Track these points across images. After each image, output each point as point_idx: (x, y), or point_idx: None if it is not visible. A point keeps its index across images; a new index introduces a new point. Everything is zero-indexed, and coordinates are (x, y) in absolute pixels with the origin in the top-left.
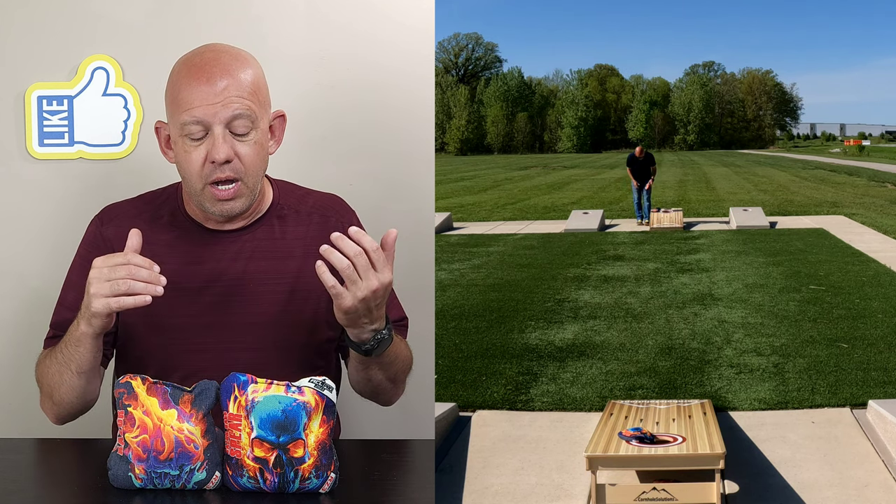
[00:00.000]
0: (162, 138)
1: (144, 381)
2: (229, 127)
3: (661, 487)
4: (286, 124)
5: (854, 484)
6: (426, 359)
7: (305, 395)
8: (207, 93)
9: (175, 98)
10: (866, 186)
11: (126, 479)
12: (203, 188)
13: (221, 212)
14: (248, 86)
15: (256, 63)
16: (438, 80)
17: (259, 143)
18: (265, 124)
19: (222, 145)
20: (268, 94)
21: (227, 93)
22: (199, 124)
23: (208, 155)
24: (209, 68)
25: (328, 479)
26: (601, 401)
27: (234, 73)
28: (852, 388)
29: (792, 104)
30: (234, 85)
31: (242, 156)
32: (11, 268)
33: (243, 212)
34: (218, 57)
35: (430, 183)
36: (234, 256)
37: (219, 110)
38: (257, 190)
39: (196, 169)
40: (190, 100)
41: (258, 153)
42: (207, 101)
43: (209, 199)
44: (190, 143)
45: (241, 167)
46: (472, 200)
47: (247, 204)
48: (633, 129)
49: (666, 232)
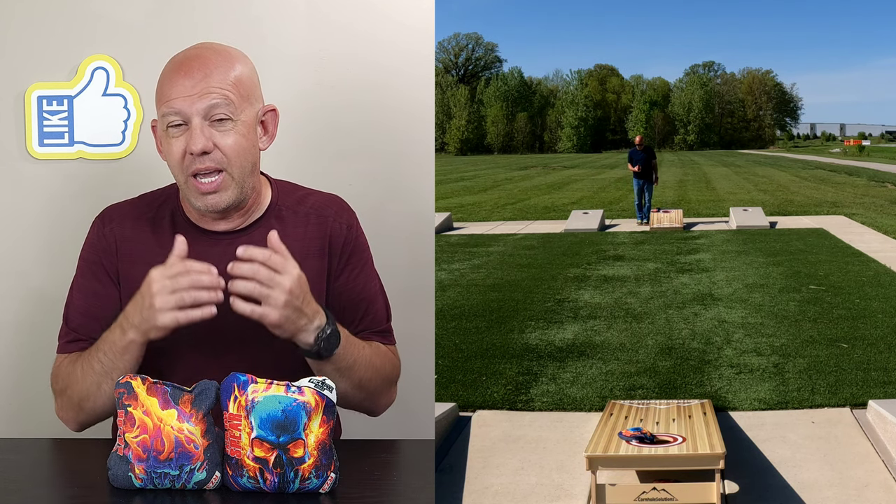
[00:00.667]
0: (157, 136)
1: (144, 381)
2: (208, 118)
3: (661, 487)
4: (279, 120)
5: (854, 484)
6: (426, 359)
7: (305, 395)
8: (185, 85)
9: (160, 93)
10: (866, 186)
11: (126, 479)
12: (186, 181)
13: (206, 205)
14: (228, 78)
15: (246, 60)
16: (438, 80)
17: (242, 134)
18: (248, 117)
19: (199, 136)
20: (254, 89)
21: (203, 84)
22: (177, 115)
23: (187, 146)
24: (189, 63)
25: (328, 479)
26: (601, 401)
27: (214, 67)
28: (852, 388)
29: (792, 104)
30: (213, 77)
31: (223, 146)
32: (11, 268)
33: (230, 206)
34: (201, 53)
35: (430, 183)
36: (234, 258)
37: (195, 101)
38: (247, 185)
39: (177, 160)
40: (170, 93)
41: (241, 144)
42: (184, 93)
43: (193, 193)
44: (172, 135)
45: (223, 157)
46: (472, 200)
47: (234, 198)
48: (633, 130)
49: (666, 232)
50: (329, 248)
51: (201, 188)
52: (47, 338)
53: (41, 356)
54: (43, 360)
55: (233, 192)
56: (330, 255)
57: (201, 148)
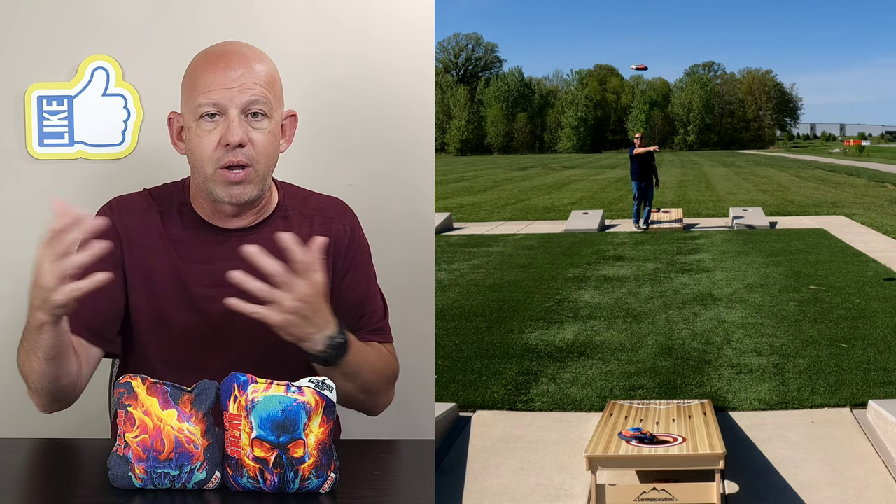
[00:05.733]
0: (174, 129)
1: (144, 381)
2: (245, 111)
3: (661, 487)
4: (297, 125)
5: (854, 484)
6: (426, 359)
7: (305, 395)
8: (225, 77)
9: (192, 84)
10: (866, 186)
11: (126, 479)
12: (214, 172)
13: (231, 196)
14: (264, 76)
15: (272, 62)
16: (438, 80)
17: (272, 132)
18: (279, 117)
19: (237, 128)
20: (282, 91)
21: (243, 79)
22: (214, 106)
23: (222, 138)
24: (227, 56)
25: (328, 479)
26: (601, 401)
27: (251, 63)
28: (852, 388)
29: (792, 104)
30: (251, 73)
31: (255, 142)
32: (11, 268)
33: (252, 201)
34: (237, 48)
35: (430, 183)
36: (241, 256)
37: (235, 95)
38: (267, 183)
39: (209, 152)
40: (207, 84)
41: (271, 143)
42: (225, 86)
43: (220, 183)
44: (204, 127)
45: (254, 154)
46: (472, 200)
47: (256, 192)
48: (633, 130)
49: (666, 232)
50: (334, 250)
51: (230, 178)
52: None
53: None
54: None
55: (256, 186)
56: (333, 258)
57: (238, 140)
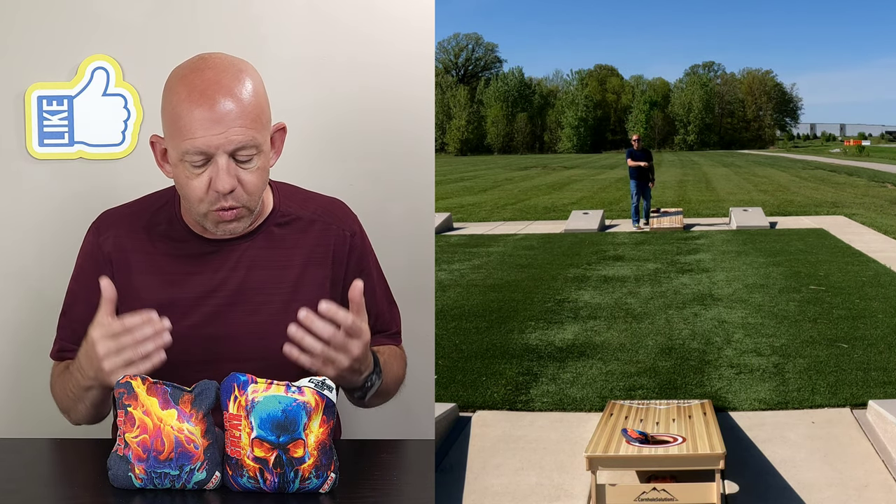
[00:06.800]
0: (158, 152)
1: (144, 381)
2: (233, 156)
3: (661, 487)
4: (286, 135)
5: (854, 484)
6: (426, 359)
7: (305, 395)
8: (209, 120)
9: (175, 122)
10: (866, 186)
11: (126, 479)
12: (207, 212)
13: (225, 231)
14: (251, 110)
15: (255, 73)
16: (438, 81)
17: (262, 167)
18: (266, 141)
19: (226, 177)
20: (266, 108)
21: (229, 120)
22: (201, 154)
23: (211, 184)
24: (210, 92)
25: (328, 479)
26: (601, 401)
27: (235, 94)
28: (852, 388)
29: (792, 104)
30: (237, 111)
31: (245, 182)
32: (11, 268)
33: (245, 228)
34: (219, 78)
35: (430, 183)
36: (234, 266)
37: (222, 142)
38: (258, 208)
39: (199, 194)
40: (192, 128)
41: (260, 177)
42: (211, 132)
43: (212, 221)
44: (192, 170)
45: (244, 195)
46: (472, 200)
47: (248, 222)
48: (633, 130)
49: (666, 232)
50: (333, 257)
51: (223, 217)
52: (47, 338)
53: (41, 356)
54: (43, 360)
55: (248, 218)
56: (334, 264)
57: (229, 188)
